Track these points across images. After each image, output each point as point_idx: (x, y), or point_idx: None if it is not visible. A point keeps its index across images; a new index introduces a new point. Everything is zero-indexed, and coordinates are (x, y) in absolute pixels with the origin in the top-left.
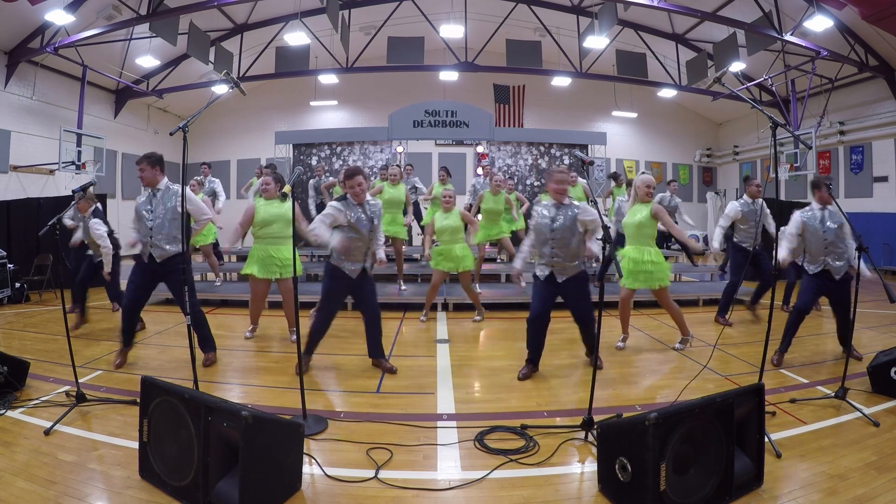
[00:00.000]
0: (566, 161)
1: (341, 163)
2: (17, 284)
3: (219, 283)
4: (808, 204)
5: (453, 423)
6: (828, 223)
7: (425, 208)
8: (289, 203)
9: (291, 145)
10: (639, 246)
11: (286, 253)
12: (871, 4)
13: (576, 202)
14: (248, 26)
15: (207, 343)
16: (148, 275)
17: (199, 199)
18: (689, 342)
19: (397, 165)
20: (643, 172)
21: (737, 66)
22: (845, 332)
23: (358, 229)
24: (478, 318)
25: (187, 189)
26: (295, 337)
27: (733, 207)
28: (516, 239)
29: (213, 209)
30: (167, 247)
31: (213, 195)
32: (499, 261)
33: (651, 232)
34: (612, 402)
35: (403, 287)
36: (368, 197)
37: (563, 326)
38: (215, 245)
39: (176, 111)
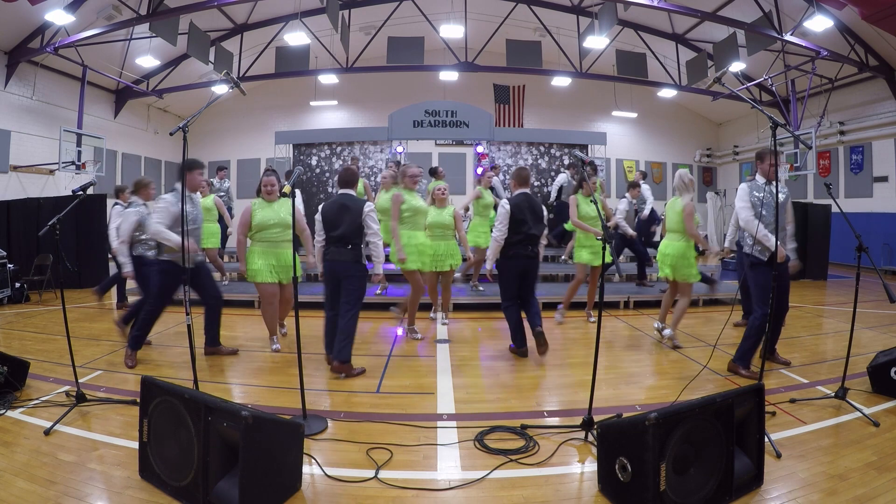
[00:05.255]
0: (566, 161)
1: (341, 163)
2: (17, 284)
3: (226, 283)
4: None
5: (453, 423)
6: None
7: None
8: (288, 205)
9: (291, 145)
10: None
11: (287, 258)
12: (871, 4)
13: None
14: (248, 26)
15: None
16: (177, 280)
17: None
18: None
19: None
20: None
21: (737, 66)
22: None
23: None
24: (432, 315)
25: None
26: (277, 346)
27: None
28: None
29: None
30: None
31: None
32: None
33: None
34: (612, 402)
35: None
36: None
37: (563, 325)
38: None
39: (176, 111)
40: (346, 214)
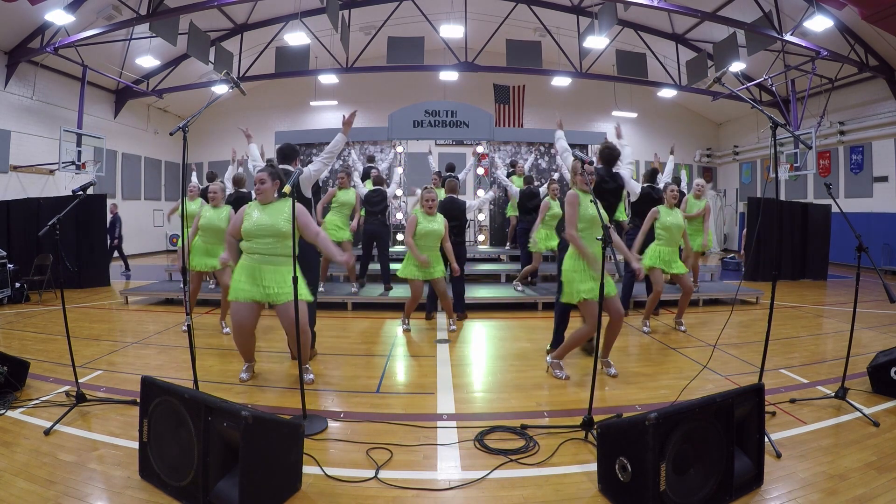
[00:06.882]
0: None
1: (341, 163)
2: (17, 284)
3: (213, 286)
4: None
5: (453, 423)
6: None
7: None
8: (288, 210)
9: None
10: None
11: (282, 275)
12: (871, 4)
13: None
14: (248, 26)
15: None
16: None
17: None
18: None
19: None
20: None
21: (737, 66)
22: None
23: None
24: (452, 327)
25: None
26: (311, 376)
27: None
28: (620, 228)
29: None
30: None
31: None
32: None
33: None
34: (612, 402)
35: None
36: None
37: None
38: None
39: (176, 111)
40: (377, 196)
